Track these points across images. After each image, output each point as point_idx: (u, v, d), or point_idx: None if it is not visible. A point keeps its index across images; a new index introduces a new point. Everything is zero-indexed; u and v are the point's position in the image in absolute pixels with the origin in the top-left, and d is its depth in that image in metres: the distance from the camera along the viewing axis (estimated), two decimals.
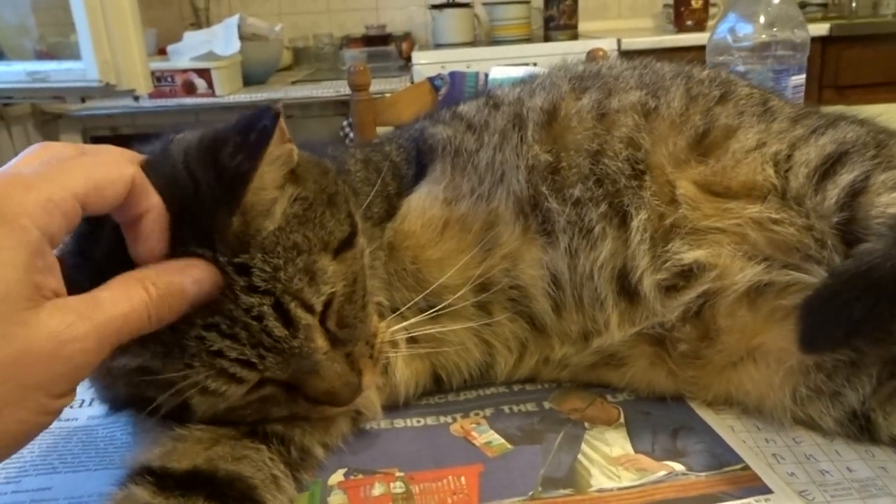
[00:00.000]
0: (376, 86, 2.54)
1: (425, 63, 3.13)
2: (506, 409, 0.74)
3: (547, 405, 0.74)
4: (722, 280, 0.68)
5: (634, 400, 0.74)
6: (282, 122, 0.54)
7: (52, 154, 0.48)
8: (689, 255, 0.69)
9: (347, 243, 0.61)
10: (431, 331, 0.72)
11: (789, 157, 0.71)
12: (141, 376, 0.55)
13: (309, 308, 0.55)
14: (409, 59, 3.38)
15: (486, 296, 0.73)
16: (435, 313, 0.72)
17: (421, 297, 0.72)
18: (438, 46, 3.53)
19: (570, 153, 0.73)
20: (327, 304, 0.58)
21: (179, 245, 0.52)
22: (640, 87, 0.79)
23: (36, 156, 0.49)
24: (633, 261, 0.70)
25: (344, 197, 0.63)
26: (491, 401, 0.75)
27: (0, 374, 0.41)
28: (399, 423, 0.72)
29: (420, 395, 0.76)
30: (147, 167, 0.53)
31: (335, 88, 3.10)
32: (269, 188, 0.55)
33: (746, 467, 0.63)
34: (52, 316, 0.43)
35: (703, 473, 0.62)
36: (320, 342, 0.57)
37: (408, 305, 0.71)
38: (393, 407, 0.73)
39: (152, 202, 0.51)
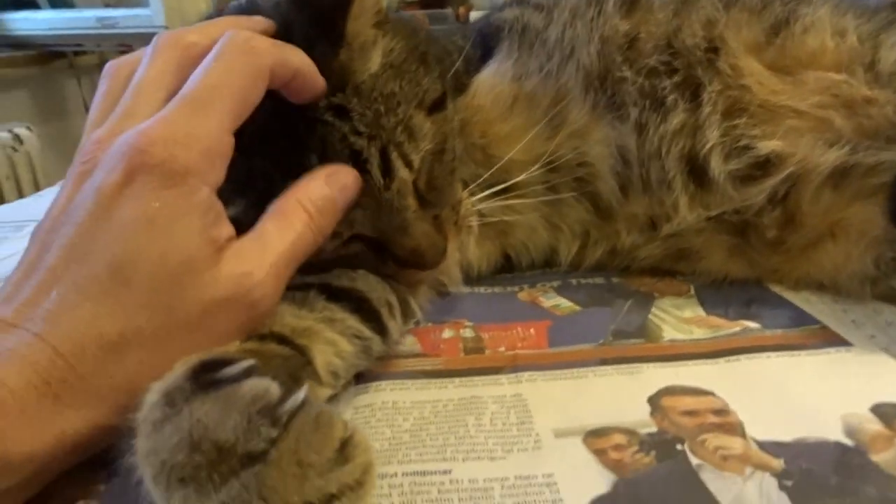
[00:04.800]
0: None
1: None
2: (573, 281, 0.74)
3: (615, 280, 0.74)
4: (803, 167, 0.66)
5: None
6: None
7: (193, 82, 0.46)
8: (765, 146, 0.67)
9: (440, 103, 0.61)
10: (500, 205, 0.73)
11: (876, 35, 0.69)
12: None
13: (408, 163, 0.56)
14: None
15: (553, 174, 0.73)
16: (503, 191, 0.72)
17: (489, 173, 0.72)
18: None
19: (650, 27, 0.71)
20: (420, 165, 0.58)
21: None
22: None
23: (169, 67, 0.48)
24: (703, 134, 0.68)
25: (434, 58, 0.64)
26: (558, 276, 0.75)
27: (193, 333, 0.43)
28: (466, 289, 0.73)
29: (491, 272, 0.76)
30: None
31: None
32: (367, 21, 0.56)
33: (824, 327, 0.61)
34: (232, 268, 0.44)
35: (778, 330, 0.61)
36: (411, 200, 0.58)
37: (477, 182, 0.71)
38: (465, 280, 0.74)
39: (293, 64, 0.49)
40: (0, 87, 2.44)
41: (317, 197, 0.50)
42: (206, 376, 0.38)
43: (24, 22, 2.46)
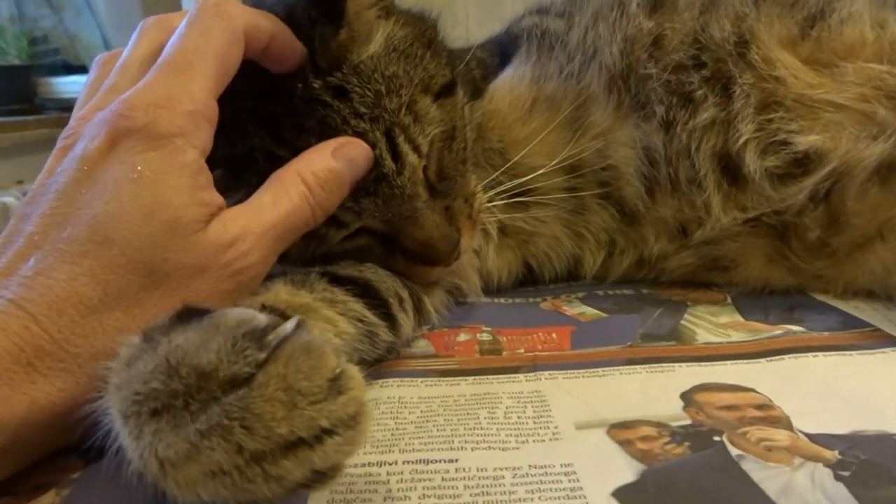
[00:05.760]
0: None
1: None
2: (599, 292, 0.69)
3: (645, 290, 0.69)
4: (846, 162, 0.62)
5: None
6: None
7: (169, 50, 0.45)
8: (804, 141, 0.63)
9: (448, 90, 0.59)
10: (520, 212, 0.70)
11: None
12: None
13: (416, 148, 0.54)
14: None
15: (575, 179, 0.70)
16: (524, 198, 0.69)
17: (508, 177, 0.69)
18: None
19: (675, 24, 0.69)
20: (429, 151, 0.56)
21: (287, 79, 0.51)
22: None
23: (153, 49, 0.48)
24: (736, 129, 0.65)
25: (443, 47, 0.63)
26: (584, 287, 0.71)
27: (174, 297, 0.41)
28: (486, 299, 0.69)
29: (513, 283, 0.72)
30: None
31: None
32: (367, 2, 0.55)
33: (877, 329, 0.56)
34: (220, 233, 0.42)
35: (825, 332, 0.56)
36: (421, 189, 0.55)
37: (496, 189, 0.68)
38: (485, 291, 0.70)
39: (268, 27, 0.49)
40: (48, 148, 2.53)
41: (319, 169, 0.47)
42: (191, 317, 0.35)
43: (73, 85, 2.57)
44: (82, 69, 2.76)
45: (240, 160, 0.50)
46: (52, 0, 2.62)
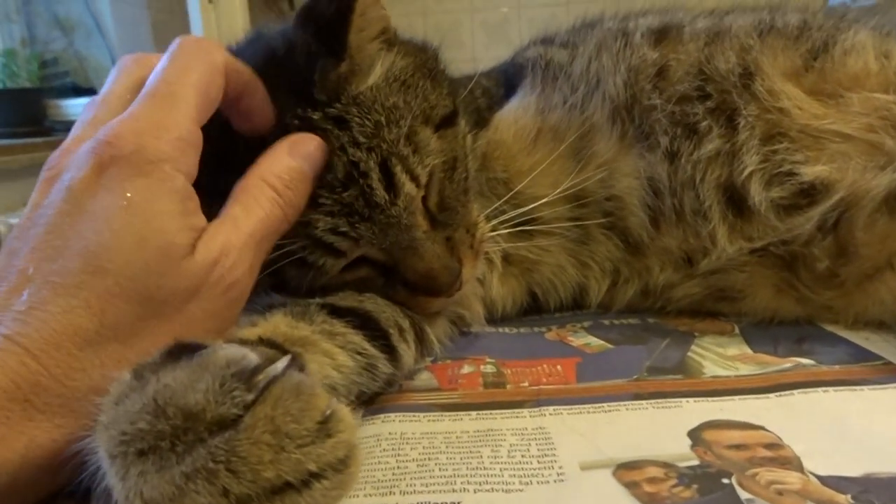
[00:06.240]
0: None
1: None
2: (605, 321, 0.69)
3: (651, 320, 0.68)
4: (853, 192, 0.61)
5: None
6: None
7: (152, 82, 0.46)
8: (809, 171, 0.63)
9: (449, 120, 0.59)
10: (524, 242, 0.69)
11: None
12: None
13: (414, 178, 0.54)
14: None
15: (579, 209, 0.69)
16: (528, 227, 0.68)
17: (513, 207, 0.68)
18: None
19: (680, 55, 0.69)
20: (428, 182, 0.56)
21: (284, 112, 0.52)
22: (755, 15, 0.76)
23: (132, 84, 0.48)
24: (741, 160, 0.64)
25: (445, 77, 0.63)
26: (589, 316, 0.70)
27: (170, 324, 0.41)
28: (490, 329, 0.68)
29: (517, 312, 0.72)
30: (238, 53, 0.55)
31: None
32: (369, 35, 0.55)
33: (888, 363, 0.55)
34: (205, 255, 0.43)
35: (836, 366, 0.55)
36: (420, 219, 0.55)
37: (500, 219, 0.68)
38: (489, 320, 0.70)
39: (245, 76, 0.50)
40: None
41: (281, 170, 0.48)
42: (182, 353, 0.34)
43: (77, 108, 2.59)
44: (92, 91, 2.79)
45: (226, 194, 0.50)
46: (62, 23, 2.66)
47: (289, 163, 0.49)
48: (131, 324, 0.39)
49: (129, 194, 0.40)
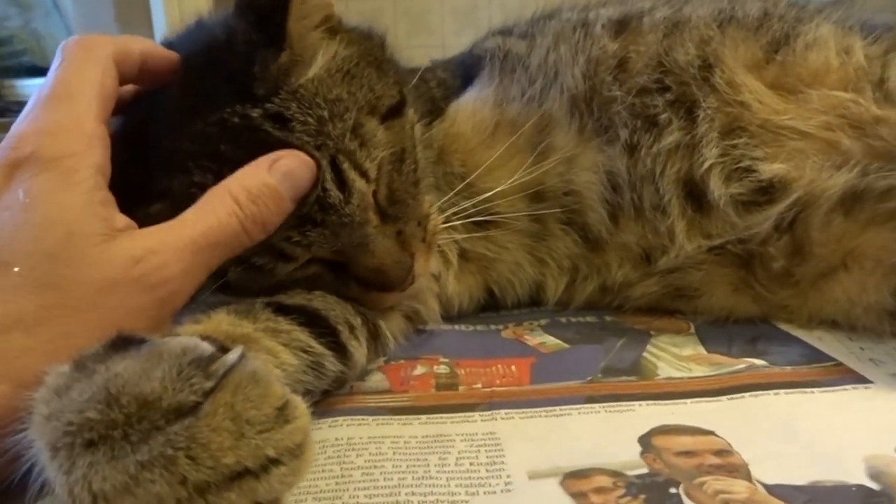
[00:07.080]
0: None
1: None
2: (562, 319, 0.68)
3: (608, 318, 0.68)
4: (810, 192, 0.61)
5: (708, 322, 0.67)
6: None
7: (48, 84, 0.47)
8: (768, 169, 0.62)
9: (396, 111, 0.57)
10: (481, 238, 0.68)
11: (885, 53, 0.65)
12: None
13: (363, 173, 0.52)
14: None
15: (537, 203, 0.68)
16: (484, 218, 0.67)
17: (470, 203, 0.67)
18: None
19: (640, 47, 0.68)
20: (377, 175, 0.54)
21: (223, 107, 0.49)
22: (715, 4, 0.75)
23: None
24: (700, 153, 0.63)
25: (392, 66, 0.61)
26: (547, 314, 0.70)
27: (86, 315, 0.40)
28: (446, 326, 0.67)
29: (474, 309, 0.70)
30: (177, 43, 0.55)
31: None
32: (310, 24, 0.53)
33: (839, 364, 0.55)
34: (127, 247, 0.42)
35: (787, 367, 0.55)
36: (371, 214, 0.53)
37: (456, 212, 0.66)
38: (445, 318, 0.68)
39: (136, 48, 0.51)
40: None
41: (251, 184, 0.46)
42: (127, 346, 0.34)
43: (34, 88, 2.51)
44: (43, 71, 2.70)
45: (180, 195, 0.48)
46: (19, 1, 2.56)
47: (264, 178, 0.47)
48: (34, 313, 0.38)
49: (31, 191, 0.41)
